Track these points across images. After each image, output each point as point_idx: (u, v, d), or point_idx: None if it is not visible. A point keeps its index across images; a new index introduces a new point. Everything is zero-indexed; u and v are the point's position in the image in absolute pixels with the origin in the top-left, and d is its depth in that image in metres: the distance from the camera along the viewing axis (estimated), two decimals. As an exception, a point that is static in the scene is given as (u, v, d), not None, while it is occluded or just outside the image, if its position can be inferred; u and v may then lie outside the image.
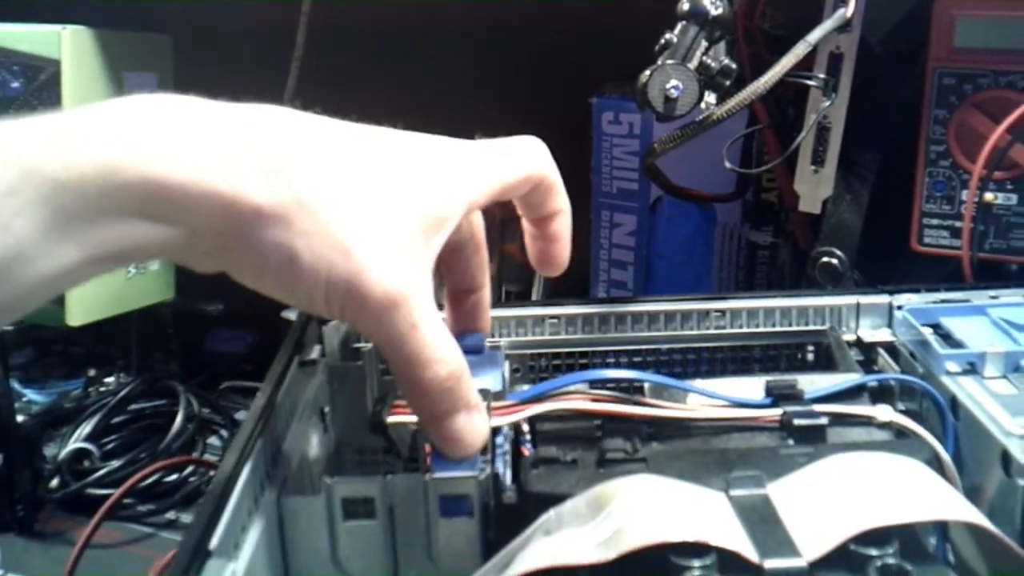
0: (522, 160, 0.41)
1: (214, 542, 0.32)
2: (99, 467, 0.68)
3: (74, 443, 0.69)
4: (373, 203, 0.35)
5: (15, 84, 0.72)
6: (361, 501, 0.39)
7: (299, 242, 0.33)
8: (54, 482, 0.68)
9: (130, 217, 0.31)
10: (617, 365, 0.52)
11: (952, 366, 0.46)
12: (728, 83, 0.51)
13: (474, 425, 0.37)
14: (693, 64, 0.50)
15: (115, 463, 0.68)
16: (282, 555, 0.39)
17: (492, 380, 0.45)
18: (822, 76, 0.58)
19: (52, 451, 0.71)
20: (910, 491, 0.34)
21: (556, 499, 0.36)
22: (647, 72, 0.49)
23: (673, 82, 0.48)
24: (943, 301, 0.51)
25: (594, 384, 0.44)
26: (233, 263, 0.34)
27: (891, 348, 0.51)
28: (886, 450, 0.38)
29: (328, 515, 0.39)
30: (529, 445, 0.42)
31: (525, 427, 0.43)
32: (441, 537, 0.39)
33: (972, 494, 0.40)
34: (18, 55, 0.72)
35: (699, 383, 0.45)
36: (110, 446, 0.71)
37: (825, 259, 0.60)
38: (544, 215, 0.43)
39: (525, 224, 0.45)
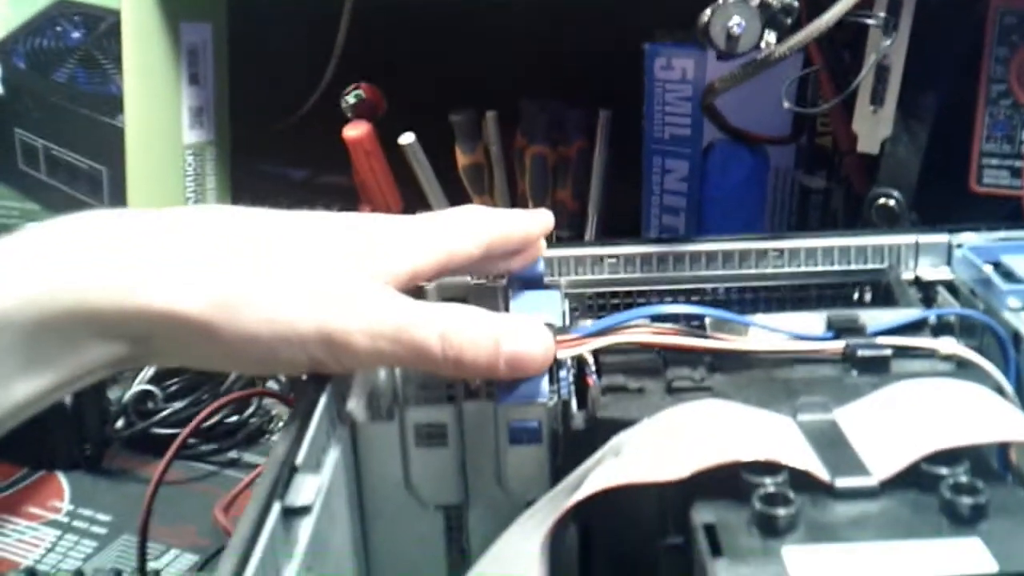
0: (465, 234, 0.43)
1: (300, 458, 0.33)
2: (162, 408, 0.70)
3: (138, 385, 0.71)
4: (319, 271, 0.37)
5: (76, 34, 0.74)
6: (434, 427, 0.40)
7: (256, 326, 0.35)
8: (119, 422, 0.70)
9: (68, 340, 0.33)
10: (675, 303, 0.53)
11: (1014, 302, 0.46)
12: (789, 21, 0.51)
13: (522, 348, 0.38)
14: (754, 2, 0.50)
15: (178, 404, 0.70)
16: (356, 479, 0.40)
17: (553, 316, 0.46)
18: (882, 15, 0.58)
19: (116, 394, 0.72)
20: (979, 413, 0.35)
21: (625, 425, 0.37)
22: (709, 10, 0.49)
23: (735, 19, 0.48)
24: (1003, 239, 0.51)
25: (655, 319, 0.45)
26: (200, 359, 0.37)
27: (951, 286, 0.51)
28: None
29: (401, 441, 0.40)
30: (594, 376, 0.43)
31: (589, 359, 0.44)
32: (510, 463, 0.40)
33: (1035, 426, 0.41)
34: (79, 5, 0.73)
35: (760, 318, 0.45)
36: (172, 388, 0.72)
37: (882, 200, 0.60)
38: (517, 251, 0.47)
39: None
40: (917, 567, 0.28)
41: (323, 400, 0.37)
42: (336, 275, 0.38)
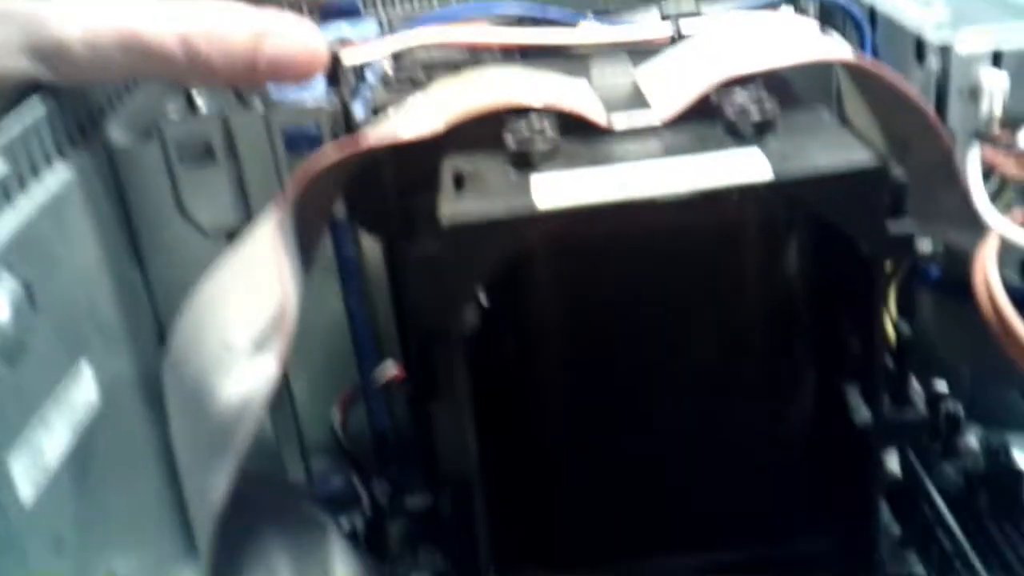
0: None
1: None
2: None
3: None
4: None
5: None
6: (199, 144, 0.35)
7: None
8: None
9: None
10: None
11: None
12: None
13: (285, 48, 0.32)
14: None
15: None
16: (122, 210, 0.36)
17: (359, 30, 0.41)
18: None
19: None
20: (783, 40, 0.30)
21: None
22: None
23: None
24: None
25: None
26: None
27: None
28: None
29: (165, 162, 0.35)
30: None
31: (391, 71, 0.39)
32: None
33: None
34: None
35: (591, 15, 0.40)
36: None
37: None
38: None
39: None
40: (677, 179, 0.24)
41: (31, 104, 0.31)
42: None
